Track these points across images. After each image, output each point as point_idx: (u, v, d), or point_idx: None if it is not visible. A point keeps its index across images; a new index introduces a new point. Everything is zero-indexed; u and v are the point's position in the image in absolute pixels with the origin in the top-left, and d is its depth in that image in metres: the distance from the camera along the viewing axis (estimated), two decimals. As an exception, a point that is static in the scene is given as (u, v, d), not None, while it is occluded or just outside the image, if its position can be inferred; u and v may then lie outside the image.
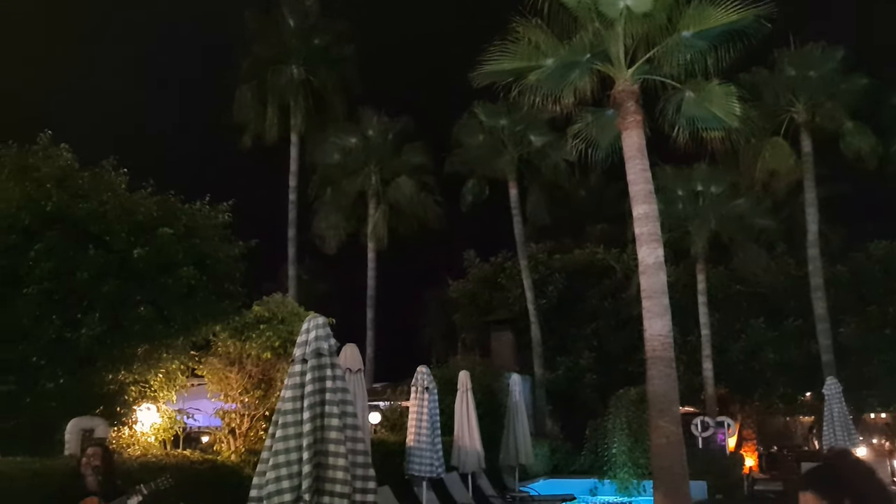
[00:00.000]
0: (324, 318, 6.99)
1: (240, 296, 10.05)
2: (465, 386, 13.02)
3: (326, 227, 25.71)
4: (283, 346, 10.10)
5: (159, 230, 8.86)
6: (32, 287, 8.17)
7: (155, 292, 8.83)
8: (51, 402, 8.52)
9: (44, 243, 8.28)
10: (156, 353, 9.45)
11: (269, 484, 6.31)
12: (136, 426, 9.90)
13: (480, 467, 12.92)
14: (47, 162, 9.06)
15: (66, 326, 8.38)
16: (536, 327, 22.29)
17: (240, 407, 10.44)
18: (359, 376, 9.30)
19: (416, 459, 10.57)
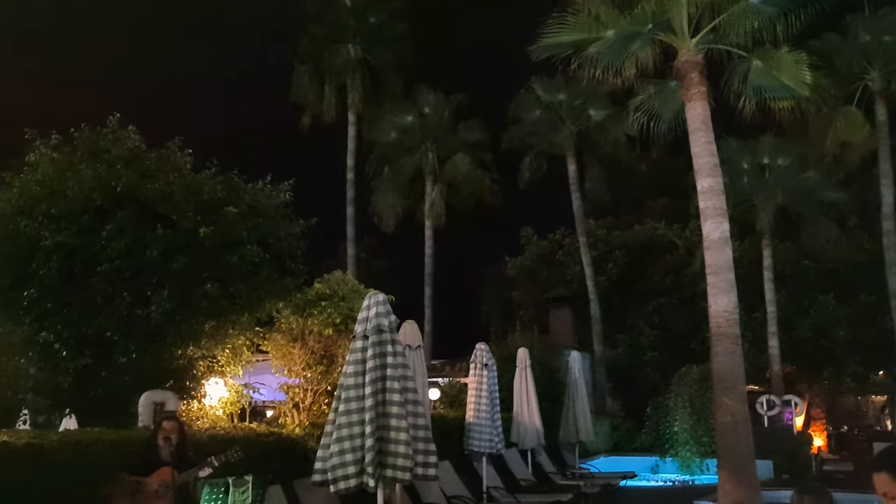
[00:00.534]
0: (384, 295, 7.07)
1: (301, 273, 10.22)
2: (523, 363, 13.01)
3: (384, 205, 25.88)
4: (344, 323, 10.25)
5: (224, 209, 9.06)
6: (105, 265, 8.46)
7: (221, 270, 9.04)
8: (124, 376, 8.85)
9: (115, 223, 8.55)
10: (222, 329, 9.71)
11: (332, 457, 6.44)
12: (205, 400, 10.23)
13: (540, 444, 12.92)
14: (117, 144, 9.34)
15: (138, 303, 8.66)
16: (596, 304, 22.07)
17: (303, 382, 10.67)
18: (418, 352, 9.38)
19: (475, 435, 10.62)
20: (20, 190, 8.90)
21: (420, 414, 7.01)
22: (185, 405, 9.41)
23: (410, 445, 6.48)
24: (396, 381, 6.66)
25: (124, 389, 8.81)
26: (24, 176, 9.04)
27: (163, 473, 5.70)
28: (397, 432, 6.49)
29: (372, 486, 6.35)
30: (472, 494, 10.32)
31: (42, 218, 8.60)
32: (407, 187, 25.85)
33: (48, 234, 8.44)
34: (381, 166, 25.88)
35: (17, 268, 8.65)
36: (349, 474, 6.37)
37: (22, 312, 8.72)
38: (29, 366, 9.01)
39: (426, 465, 6.74)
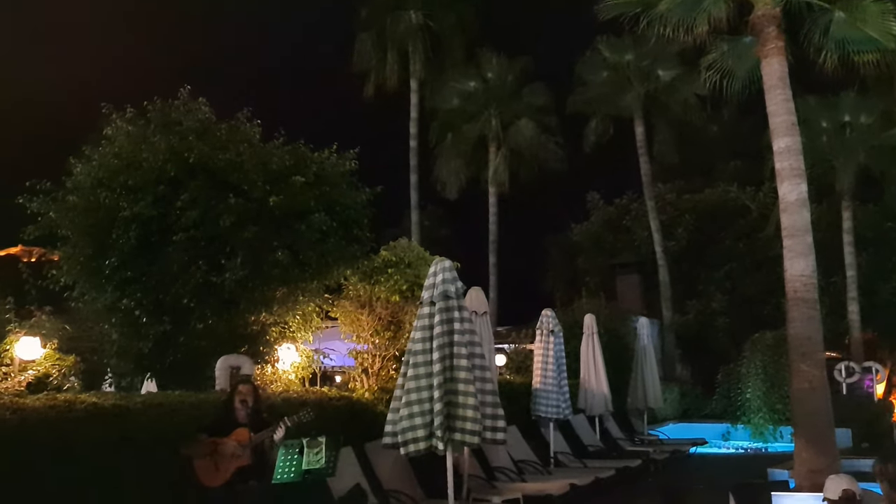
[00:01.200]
0: (450, 262, 7.08)
1: (368, 241, 10.31)
2: (590, 329, 12.92)
3: (447, 172, 25.84)
4: (411, 290, 10.33)
5: (292, 178, 9.18)
6: (180, 234, 8.71)
7: (290, 238, 9.20)
8: (201, 342, 9.15)
9: (188, 193, 8.78)
10: (293, 295, 9.91)
11: (402, 420, 6.55)
12: (278, 364, 10.50)
13: (608, 410, 12.86)
14: (188, 116, 9.54)
15: (212, 271, 8.91)
16: (664, 270, 21.66)
17: (371, 347, 10.84)
18: (484, 319, 9.40)
19: (542, 401, 10.64)
20: (99, 163, 9.21)
21: (488, 379, 7.04)
22: (259, 369, 9.68)
23: (478, 410, 6.52)
24: (464, 346, 6.69)
25: (201, 354, 9.11)
26: (102, 149, 9.35)
27: (240, 434, 5.90)
28: (465, 397, 6.54)
29: (441, 450, 6.44)
30: (540, 459, 10.37)
31: (120, 189, 8.89)
32: (470, 154, 25.72)
33: (126, 204, 8.72)
34: (443, 133, 25.80)
35: (99, 238, 8.99)
36: (418, 437, 6.47)
37: (104, 281, 9.08)
38: (112, 331, 9.41)
39: (494, 429, 6.79)
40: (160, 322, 8.98)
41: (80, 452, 5.43)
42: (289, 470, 5.85)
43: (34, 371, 9.22)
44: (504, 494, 8.16)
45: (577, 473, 9.71)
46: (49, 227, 9.30)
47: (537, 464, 10.14)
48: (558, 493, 8.51)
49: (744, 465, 13.17)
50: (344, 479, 6.95)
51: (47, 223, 9.27)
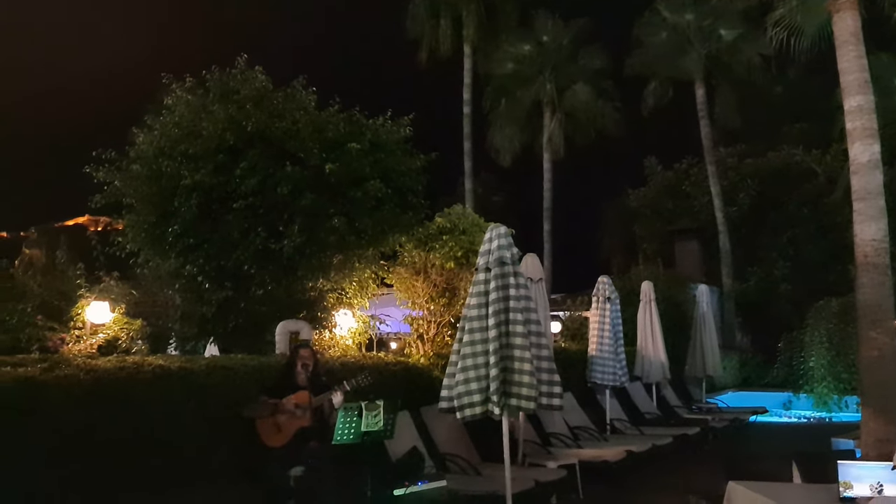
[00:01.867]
0: (505, 228, 7.02)
1: (422, 208, 10.33)
2: (647, 296, 12.74)
3: (501, 139, 25.62)
4: (466, 256, 10.33)
5: (347, 146, 9.23)
6: (240, 202, 8.87)
7: (346, 205, 9.29)
8: (261, 307, 9.36)
9: (247, 161, 8.92)
10: (349, 262, 10.03)
11: (458, 385, 6.58)
12: (335, 330, 10.68)
13: (665, 378, 12.71)
14: (245, 84, 9.66)
15: (271, 238, 9.07)
16: (725, 236, 21.14)
17: (426, 314, 10.91)
18: (540, 285, 9.34)
19: (598, 368, 10.58)
20: (160, 132, 9.42)
21: (544, 345, 7.01)
22: (317, 334, 9.86)
23: (534, 376, 6.51)
24: (519, 312, 6.67)
25: (262, 319, 9.33)
26: (163, 119, 9.56)
27: (300, 397, 6.04)
28: (521, 363, 6.53)
29: (497, 415, 6.46)
30: (596, 426, 10.34)
31: (181, 158, 9.09)
32: (524, 120, 25.42)
33: (187, 173, 8.92)
34: (497, 99, 25.53)
35: (162, 206, 9.23)
36: (474, 402, 6.50)
37: (167, 247, 9.35)
38: (176, 296, 9.70)
39: (550, 395, 6.78)
40: (222, 288, 9.20)
41: (148, 411, 5.63)
42: (348, 431, 5.97)
43: (104, 334, 9.58)
44: (560, 460, 8.17)
45: (634, 440, 9.66)
46: (114, 196, 9.60)
47: (593, 430, 10.11)
48: (614, 459, 8.48)
49: (806, 435, 12.89)
50: (401, 442, 7.05)
51: (113, 192, 9.56)
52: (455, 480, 6.76)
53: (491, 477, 7.26)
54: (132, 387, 5.62)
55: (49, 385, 5.09)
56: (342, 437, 5.95)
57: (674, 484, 8.37)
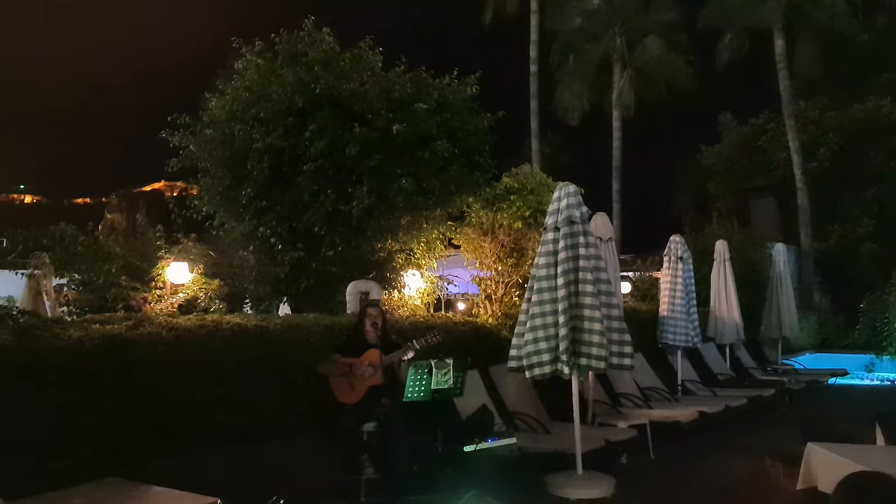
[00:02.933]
0: (574, 187, 6.91)
1: (490, 167, 10.27)
2: (721, 256, 12.39)
3: (569, 96, 25.15)
4: (534, 216, 10.26)
5: (414, 106, 9.22)
6: (310, 164, 9.00)
7: (414, 166, 9.31)
8: (332, 268, 9.54)
9: (316, 123, 9.01)
10: (417, 223, 10.10)
11: (527, 345, 6.58)
12: (404, 290, 10.82)
13: (739, 339, 12.41)
14: (313, 47, 9.72)
15: (340, 199, 9.19)
16: (804, 193, 20.32)
17: (494, 274, 10.92)
18: (609, 245, 9.20)
19: (669, 329, 10.40)
20: (232, 96, 9.60)
21: (614, 305, 6.93)
22: (386, 294, 10.00)
23: (605, 335, 6.45)
24: (589, 272, 6.59)
25: (332, 279, 9.52)
26: (234, 83, 9.72)
27: (371, 355, 6.15)
28: (591, 322, 6.48)
29: (566, 374, 6.45)
30: (667, 387, 10.21)
31: (252, 121, 9.25)
32: (593, 77, 24.85)
33: (258, 136, 9.08)
34: (565, 56, 25.00)
35: (235, 169, 9.45)
36: (543, 361, 6.50)
37: (241, 210, 9.59)
38: (251, 257, 9.97)
39: (621, 354, 6.71)
40: (294, 249, 9.40)
41: (226, 367, 5.84)
42: (418, 389, 6.07)
43: (184, 294, 9.96)
44: (630, 420, 8.11)
45: (707, 401, 9.49)
46: (190, 160, 9.87)
47: (664, 391, 9.99)
48: (686, 420, 8.37)
49: (889, 397, 12.43)
50: (470, 400, 7.13)
51: (188, 156, 9.83)
52: (524, 438, 6.80)
53: (560, 435, 7.28)
54: (211, 344, 5.83)
55: (134, 341, 5.33)
56: (413, 395, 6.05)
57: (748, 445, 8.22)
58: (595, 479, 6.51)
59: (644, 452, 7.74)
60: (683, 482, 6.51)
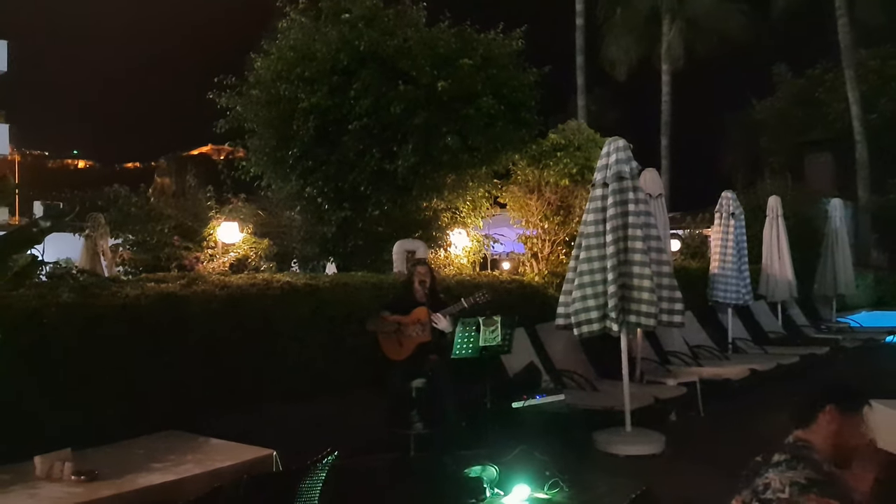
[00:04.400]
0: (624, 141, 6.77)
1: (536, 124, 10.11)
2: (774, 212, 12.07)
3: (616, 50, 24.60)
4: (581, 173, 10.10)
5: (459, 61, 9.08)
6: (355, 123, 8.97)
7: (459, 123, 9.21)
8: (378, 227, 9.57)
9: (360, 82, 8.96)
10: (462, 181, 10.03)
11: (574, 302, 6.55)
12: (450, 249, 10.82)
13: (792, 297, 12.15)
14: (356, 3, 9.61)
15: (385, 158, 9.16)
16: (863, 146, 19.60)
17: (540, 232, 10.84)
18: (659, 201, 9.03)
19: (720, 286, 10.22)
20: (276, 56, 9.59)
21: (664, 261, 6.83)
22: (432, 253, 10.01)
23: (655, 292, 6.37)
24: (639, 228, 6.50)
25: (379, 239, 9.56)
26: (279, 42, 9.71)
27: (419, 313, 6.18)
28: (640, 279, 6.40)
29: (615, 332, 6.41)
30: (717, 345, 10.08)
31: (297, 81, 9.24)
32: (641, 29, 24.20)
33: (304, 95, 9.07)
34: (612, 8, 24.37)
35: (281, 129, 9.49)
36: (592, 319, 6.46)
37: (288, 170, 9.65)
38: (298, 217, 10.06)
39: (671, 311, 6.64)
40: (341, 208, 9.45)
41: (277, 325, 5.94)
42: (466, 346, 6.10)
43: (234, 253, 10.12)
44: (679, 377, 8.05)
45: (758, 359, 9.35)
46: (237, 122, 9.94)
47: (714, 349, 9.87)
48: (737, 377, 8.27)
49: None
50: (518, 358, 7.14)
51: (235, 117, 9.90)
52: (572, 396, 6.80)
53: (608, 393, 7.27)
54: (262, 302, 5.93)
55: (189, 299, 5.45)
56: (461, 352, 6.09)
57: (801, 404, 8.08)
58: (644, 436, 6.51)
59: (693, 410, 7.69)
60: (734, 440, 6.43)
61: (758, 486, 2.33)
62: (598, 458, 6.27)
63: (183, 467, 3.70)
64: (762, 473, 2.35)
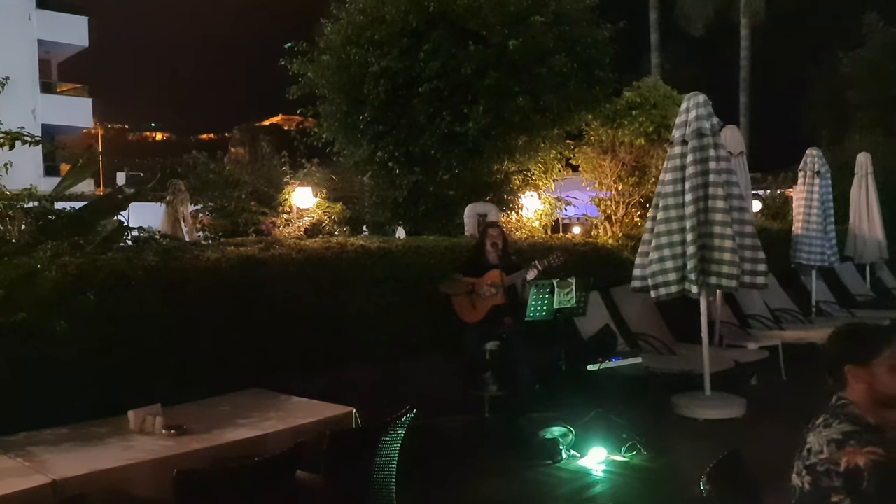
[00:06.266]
0: (704, 96, 6.51)
1: (610, 82, 9.82)
2: (864, 169, 11.45)
3: (692, 4, 23.62)
4: (657, 132, 9.82)
5: (531, 19, 8.87)
6: (425, 86, 8.90)
7: (531, 83, 9.02)
8: (448, 191, 9.54)
9: (430, 43, 8.86)
10: (534, 143, 9.87)
11: (652, 264, 6.40)
12: (522, 212, 10.71)
13: (881, 258, 11.55)
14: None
15: (455, 121, 9.08)
16: (961, 99, 18.38)
17: (614, 194, 10.62)
18: (741, 159, 8.71)
19: (804, 248, 9.80)
20: (346, 20, 9.58)
21: (747, 221, 6.59)
22: (504, 216, 9.94)
23: (736, 253, 6.17)
24: (720, 186, 6.27)
25: (450, 202, 9.53)
26: (349, 6, 9.69)
27: (493, 275, 6.15)
28: (722, 239, 6.20)
29: (695, 293, 6.24)
30: (800, 309, 9.72)
31: (367, 45, 9.21)
32: (719, -19, 23.15)
33: (374, 59, 9.04)
34: (688, -40, 23.38)
35: (352, 94, 9.51)
36: (670, 281, 6.31)
37: (359, 135, 9.69)
38: (370, 182, 10.11)
39: (754, 273, 6.41)
40: (412, 172, 9.44)
41: (352, 288, 6.01)
42: (541, 308, 6.04)
43: (309, 218, 10.29)
44: (761, 341, 7.81)
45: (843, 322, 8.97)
46: (308, 88, 10.02)
47: (796, 313, 9.52)
48: (822, 341, 7.94)
49: None
50: (592, 321, 7.06)
51: (307, 83, 9.98)
52: (649, 359, 6.68)
53: (686, 356, 7.11)
54: (337, 264, 6.01)
55: (267, 262, 5.57)
56: (535, 314, 6.04)
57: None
58: (725, 400, 6.36)
59: (776, 374, 7.46)
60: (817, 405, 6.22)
61: (803, 455, 2.25)
62: (677, 422, 6.17)
63: (267, 423, 3.80)
64: (806, 440, 2.27)
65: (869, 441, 2.08)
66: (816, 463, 2.19)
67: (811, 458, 2.21)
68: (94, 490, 2.93)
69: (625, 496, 4.62)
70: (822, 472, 2.16)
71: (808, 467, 2.21)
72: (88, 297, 4.11)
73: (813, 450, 2.22)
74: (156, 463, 3.16)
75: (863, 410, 2.24)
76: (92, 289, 4.25)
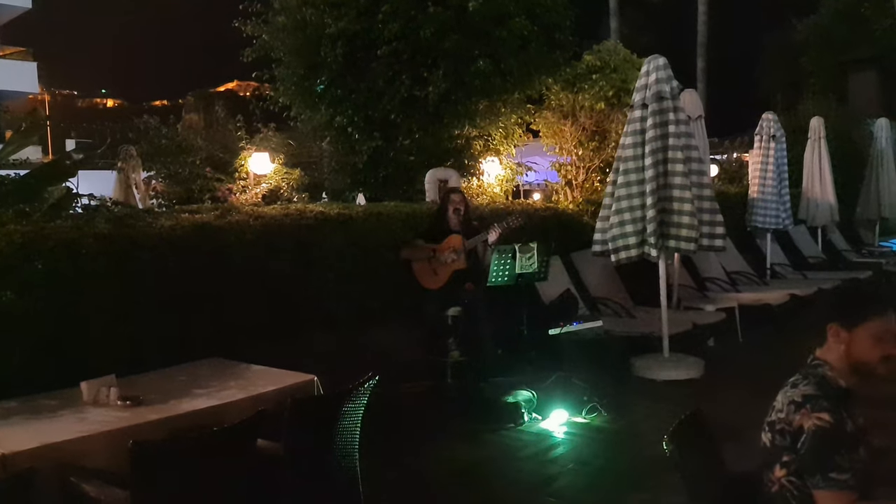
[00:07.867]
0: (664, 59, 6.50)
1: (570, 45, 9.78)
2: (817, 133, 11.63)
3: (650, -31, 23.55)
4: (617, 96, 9.82)
5: (491, -21, 8.75)
6: (384, 48, 8.74)
7: (491, 46, 8.93)
8: (409, 156, 9.44)
9: (389, 4, 8.68)
10: (495, 107, 9.80)
11: (612, 228, 6.42)
12: (483, 177, 10.66)
13: (832, 221, 11.81)
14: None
15: (415, 85, 8.95)
16: (910, 65, 18.76)
17: (574, 159, 10.62)
18: (699, 123, 8.75)
19: (759, 211, 9.97)
20: (302, -20, 9.32)
21: (705, 185, 6.65)
22: (465, 182, 9.88)
23: (695, 216, 6.23)
24: (679, 150, 6.30)
25: (410, 168, 9.44)
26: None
27: (453, 241, 6.11)
28: (681, 203, 6.25)
29: (654, 256, 6.29)
30: (755, 271, 9.91)
31: (324, 5, 8.99)
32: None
33: (331, 20, 8.83)
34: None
35: (308, 57, 9.29)
36: (630, 245, 6.35)
37: (317, 100, 9.50)
38: (329, 148, 9.94)
39: (712, 235, 6.49)
40: (371, 138, 9.31)
41: (312, 255, 5.91)
42: (502, 273, 6.04)
43: (266, 184, 10.09)
44: (718, 303, 7.94)
45: (797, 284, 9.17)
46: (263, 50, 9.75)
47: (752, 275, 9.70)
48: (777, 302, 8.12)
49: None
50: (554, 285, 7.08)
51: (261, 46, 9.71)
52: (609, 322, 6.73)
53: (646, 319, 7.21)
54: (297, 231, 5.89)
55: (224, 229, 5.42)
56: (497, 279, 6.04)
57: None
58: (683, 361, 6.46)
59: (732, 336, 7.60)
60: (773, 365, 6.32)
61: (770, 411, 2.28)
62: (636, 384, 6.25)
63: (226, 392, 3.72)
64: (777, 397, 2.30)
65: (824, 408, 2.10)
66: (775, 421, 2.22)
67: (772, 415, 2.24)
68: (46, 464, 2.84)
69: (586, 456, 4.68)
70: (778, 430, 2.19)
71: (769, 423, 2.24)
72: (36, 266, 3.96)
73: (776, 407, 2.24)
74: (110, 434, 3.07)
75: (836, 372, 2.26)
76: (40, 257, 4.09)
